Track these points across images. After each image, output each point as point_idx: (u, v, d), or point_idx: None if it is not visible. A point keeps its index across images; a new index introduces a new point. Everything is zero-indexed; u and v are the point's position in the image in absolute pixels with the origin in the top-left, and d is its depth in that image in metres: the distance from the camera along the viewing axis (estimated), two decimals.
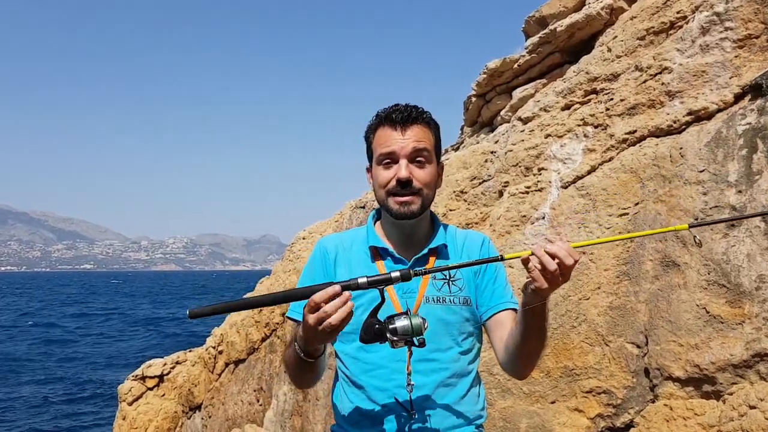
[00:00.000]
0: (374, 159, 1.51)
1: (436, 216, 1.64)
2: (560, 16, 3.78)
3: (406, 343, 1.27)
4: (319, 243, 1.61)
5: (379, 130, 1.51)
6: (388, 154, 1.47)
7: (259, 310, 5.40)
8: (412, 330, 1.25)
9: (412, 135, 1.46)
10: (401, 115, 1.47)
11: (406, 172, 1.45)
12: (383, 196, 1.50)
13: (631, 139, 2.84)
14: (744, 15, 2.58)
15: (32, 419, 12.09)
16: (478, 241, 1.61)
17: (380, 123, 1.51)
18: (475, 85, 4.39)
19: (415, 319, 1.26)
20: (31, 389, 14.95)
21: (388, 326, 1.26)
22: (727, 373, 2.33)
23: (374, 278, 1.26)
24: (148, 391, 6.26)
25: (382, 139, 1.49)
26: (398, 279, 1.26)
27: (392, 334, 1.25)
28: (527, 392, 2.84)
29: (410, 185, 1.46)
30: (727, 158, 2.45)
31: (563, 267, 1.24)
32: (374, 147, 1.52)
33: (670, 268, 2.53)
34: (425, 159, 1.48)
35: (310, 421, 4.28)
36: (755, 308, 2.30)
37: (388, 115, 1.49)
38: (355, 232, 1.64)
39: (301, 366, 1.40)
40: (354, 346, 1.51)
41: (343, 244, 1.58)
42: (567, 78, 3.35)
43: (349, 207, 5.04)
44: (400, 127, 1.47)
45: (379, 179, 1.49)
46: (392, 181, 1.46)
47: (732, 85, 2.58)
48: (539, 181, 3.12)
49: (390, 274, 1.26)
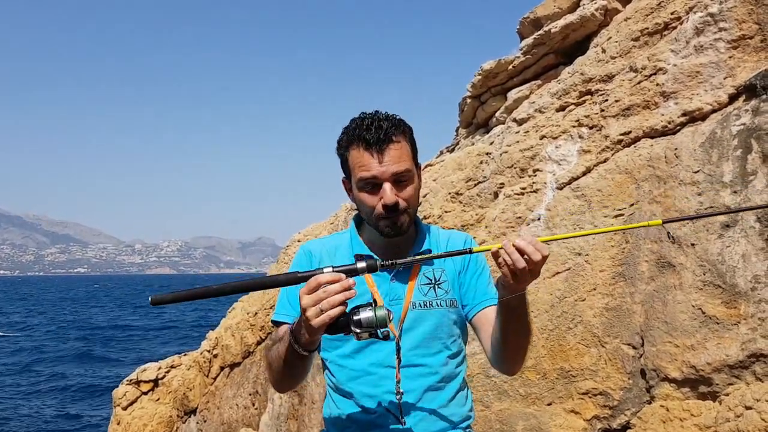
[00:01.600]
0: (354, 181, 1.47)
1: (419, 219, 1.62)
2: (555, 17, 3.78)
3: (370, 335, 1.24)
4: (302, 246, 1.59)
5: (353, 150, 1.45)
6: (369, 180, 1.43)
7: (255, 314, 5.38)
8: (376, 321, 1.22)
9: (390, 159, 1.42)
10: (375, 136, 1.41)
11: (392, 197, 1.42)
12: (372, 220, 1.47)
13: (626, 140, 2.84)
14: (738, 16, 2.58)
15: (25, 424, 12.00)
16: (461, 242, 1.60)
17: (353, 141, 1.45)
18: (470, 87, 4.39)
19: (380, 311, 1.23)
20: (23, 392, 14.85)
21: (353, 317, 1.23)
22: (723, 374, 2.33)
23: (341, 268, 1.24)
24: (143, 396, 6.22)
25: (359, 161, 1.44)
26: (364, 270, 1.24)
27: (356, 326, 1.22)
28: (524, 394, 2.83)
29: (397, 209, 1.43)
30: (721, 159, 2.45)
31: (531, 263, 1.21)
32: (351, 167, 1.47)
33: (665, 268, 2.53)
34: (407, 179, 1.45)
35: (306, 425, 4.26)
36: (751, 309, 2.30)
37: (360, 135, 1.43)
38: (337, 237, 1.62)
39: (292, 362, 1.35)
40: (339, 354, 1.50)
41: (326, 249, 1.56)
42: (562, 79, 3.35)
43: (344, 209, 5.03)
44: (377, 151, 1.41)
45: (365, 204, 1.46)
46: (378, 206, 1.43)
47: (726, 86, 2.59)
48: (534, 183, 3.12)
49: (356, 265, 1.24)
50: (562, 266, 2.84)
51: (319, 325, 1.20)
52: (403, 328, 1.47)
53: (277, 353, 1.40)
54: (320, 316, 1.19)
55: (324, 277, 1.21)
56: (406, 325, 1.47)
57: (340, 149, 1.50)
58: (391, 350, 1.46)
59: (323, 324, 1.20)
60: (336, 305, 1.19)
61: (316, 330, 1.22)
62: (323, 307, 1.19)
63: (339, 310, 1.19)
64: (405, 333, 1.47)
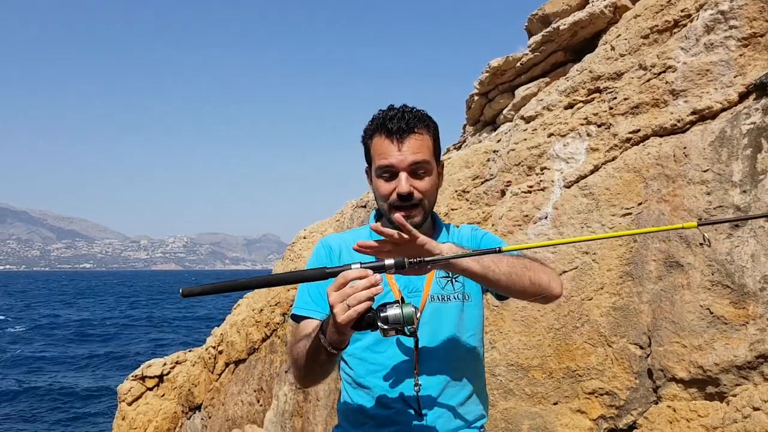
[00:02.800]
0: (373, 168, 1.50)
1: (437, 217, 1.64)
2: (563, 14, 3.76)
3: (396, 332, 1.24)
4: (321, 241, 1.60)
5: (376, 137, 1.48)
6: (387, 167, 1.45)
7: (260, 310, 5.38)
8: (403, 319, 1.22)
9: (409, 148, 1.44)
10: (397, 125, 1.44)
11: (407, 187, 1.44)
12: (385, 208, 1.49)
13: (634, 138, 2.82)
14: (749, 13, 2.55)
15: (29, 418, 12.08)
16: (467, 234, 1.62)
17: (376, 129, 1.48)
18: (477, 84, 4.37)
19: (407, 308, 1.23)
20: (27, 387, 14.93)
21: (380, 314, 1.23)
22: (730, 375, 2.32)
23: (368, 264, 1.23)
24: (148, 392, 6.24)
25: (380, 149, 1.47)
26: (392, 266, 1.23)
27: (383, 322, 1.22)
28: (529, 393, 2.82)
29: (411, 198, 1.45)
30: (731, 158, 2.43)
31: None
32: (372, 155, 1.50)
33: (673, 268, 2.51)
34: (425, 170, 1.47)
35: (310, 422, 4.26)
36: (759, 309, 2.28)
37: (383, 123, 1.46)
38: (356, 232, 1.63)
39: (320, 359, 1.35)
40: (360, 347, 1.50)
41: (345, 244, 1.57)
42: (570, 77, 3.33)
43: (350, 206, 5.02)
44: (397, 140, 1.44)
45: (380, 191, 1.48)
46: (393, 194, 1.46)
47: (736, 84, 2.56)
48: (542, 181, 3.10)
49: (384, 262, 1.24)
50: (569, 265, 2.82)
51: (347, 321, 1.20)
52: (421, 321, 1.47)
53: (303, 350, 1.39)
54: (347, 312, 1.19)
55: (351, 273, 1.21)
56: (424, 318, 1.47)
57: (365, 138, 1.53)
58: (410, 343, 1.45)
59: (351, 320, 1.19)
60: (363, 301, 1.19)
61: (344, 326, 1.21)
62: (350, 302, 1.19)
63: (366, 305, 1.19)
64: (423, 326, 1.47)
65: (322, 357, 1.33)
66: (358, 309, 1.18)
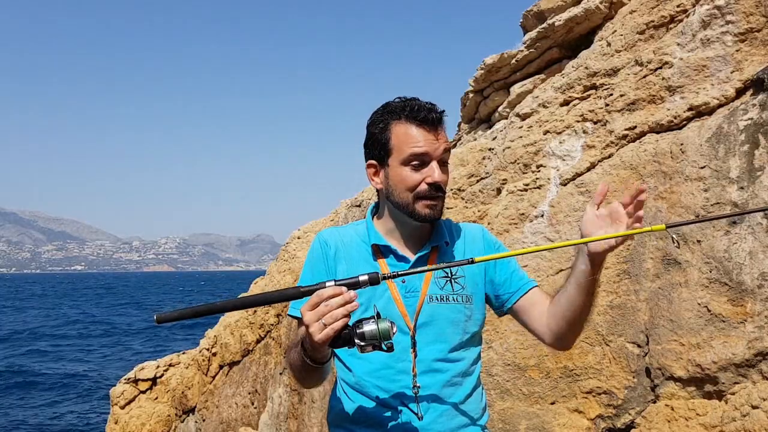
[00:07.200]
0: (399, 158, 1.44)
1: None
2: (559, 10, 3.73)
3: (374, 348, 1.23)
4: (318, 236, 1.57)
5: (402, 126, 1.44)
6: (420, 155, 1.42)
7: (254, 311, 5.34)
8: (380, 334, 1.21)
9: (442, 137, 1.45)
10: (432, 115, 1.43)
11: (441, 176, 1.43)
12: (409, 199, 1.44)
13: (631, 135, 2.80)
14: (745, 8, 2.54)
15: (21, 422, 11.97)
16: (479, 235, 1.60)
17: (405, 118, 1.44)
18: (472, 81, 4.34)
19: (383, 324, 1.22)
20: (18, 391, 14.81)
21: (356, 331, 1.22)
22: (729, 373, 2.30)
23: (343, 282, 1.23)
24: (141, 395, 6.18)
25: (410, 138, 1.43)
26: (366, 282, 1.23)
27: (360, 339, 1.22)
28: (527, 393, 2.80)
29: (441, 188, 1.44)
30: (728, 154, 2.41)
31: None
32: (397, 144, 1.44)
33: (671, 266, 2.49)
34: (447, 164, 1.48)
35: (305, 424, 4.22)
36: (757, 306, 2.26)
37: (415, 112, 1.43)
38: (353, 227, 1.60)
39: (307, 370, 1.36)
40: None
41: (342, 239, 1.54)
42: (566, 73, 3.30)
43: (344, 205, 4.99)
44: (431, 129, 1.43)
45: (406, 181, 1.43)
46: (422, 184, 1.43)
47: (733, 80, 2.54)
48: (538, 179, 3.08)
49: (358, 278, 1.23)
50: (566, 264, 2.80)
51: (323, 340, 1.20)
52: (419, 322, 1.45)
53: (293, 359, 1.40)
54: (324, 330, 1.19)
55: (326, 292, 1.20)
56: (421, 319, 1.45)
57: (380, 126, 1.48)
58: (407, 344, 1.44)
59: (327, 338, 1.20)
60: (339, 318, 1.18)
61: (320, 345, 1.21)
62: (326, 321, 1.18)
63: (342, 323, 1.19)
64: (421, 327, 1.45)
65: (309, 369, 1.34)
66: (335, 327, 1.19)
